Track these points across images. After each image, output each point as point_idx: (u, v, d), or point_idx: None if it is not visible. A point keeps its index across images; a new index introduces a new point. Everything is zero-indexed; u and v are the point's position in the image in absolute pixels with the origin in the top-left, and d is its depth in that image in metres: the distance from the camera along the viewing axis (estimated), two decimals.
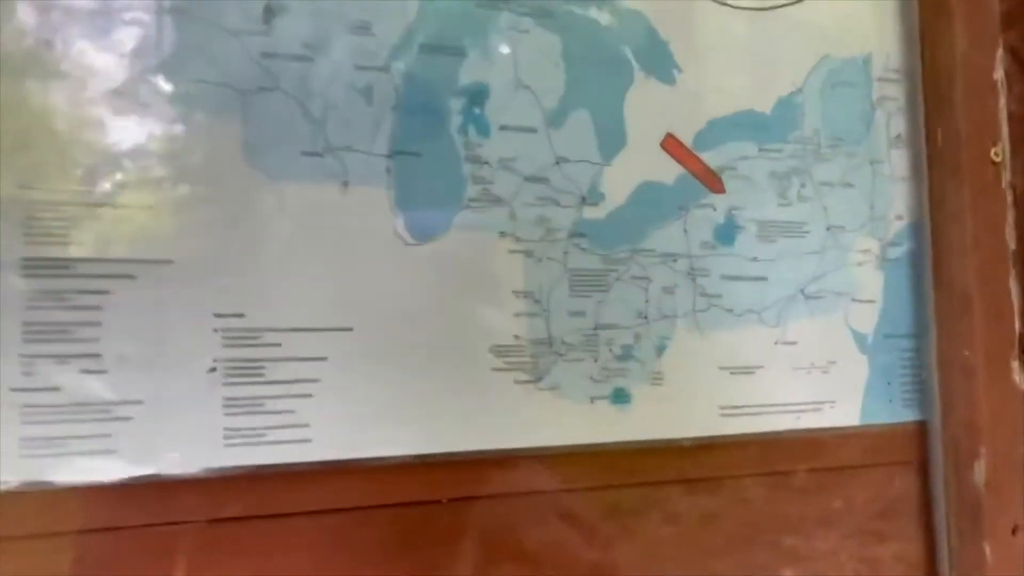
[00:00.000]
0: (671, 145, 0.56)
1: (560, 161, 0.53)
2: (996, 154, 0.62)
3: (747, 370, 0.58)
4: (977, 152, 0.61)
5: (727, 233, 0.57)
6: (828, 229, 0.61)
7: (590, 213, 0.54)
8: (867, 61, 0.63)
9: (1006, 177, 0.63)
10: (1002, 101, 0.63)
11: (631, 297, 0.55)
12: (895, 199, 0.63)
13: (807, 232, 0.60)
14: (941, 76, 0.61)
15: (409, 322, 0.49)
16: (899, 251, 0.63)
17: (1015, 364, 0.61)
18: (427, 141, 0.50)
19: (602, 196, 0.54)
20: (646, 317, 0.55)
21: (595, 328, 0.54)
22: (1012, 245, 0.62)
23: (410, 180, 0.49)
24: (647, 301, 0.55)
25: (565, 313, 0.53)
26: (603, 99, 0.55)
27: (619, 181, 0.55)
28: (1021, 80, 0.66)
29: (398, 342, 0.49)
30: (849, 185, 0.61)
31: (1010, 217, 0.62)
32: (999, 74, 0.63)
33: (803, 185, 0.60)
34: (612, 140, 0.55)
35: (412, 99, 0.50)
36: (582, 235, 0.54)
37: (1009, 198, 0.62)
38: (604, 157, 0.54)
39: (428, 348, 0.49)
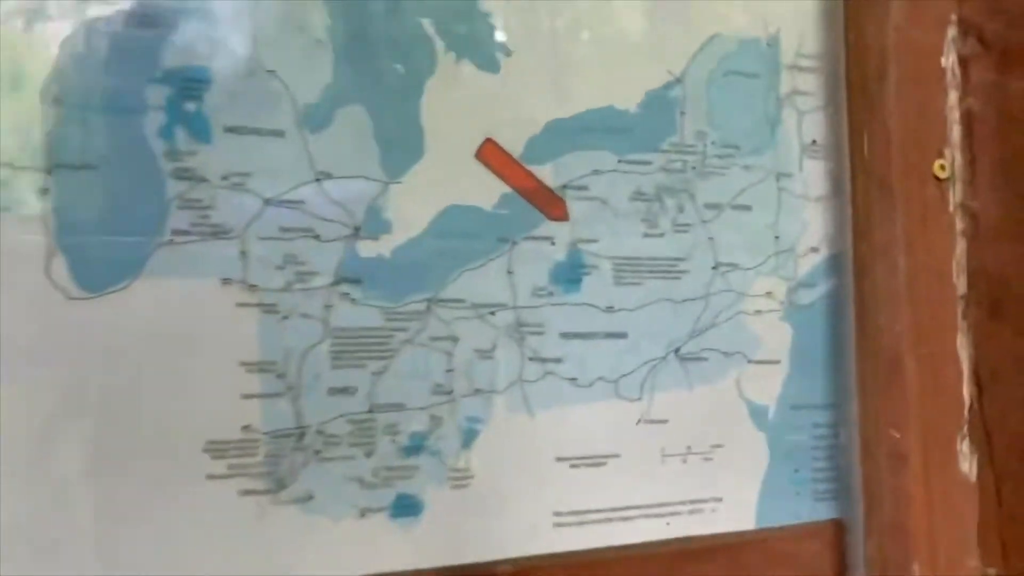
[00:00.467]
0: (491, 155, 0.41)
1: (322, 177, 0.38)
2: (942, 167, 0.47)
3: (596, 461, 0.42)
4: (916, 164, 0.46)
5: (570, 275, 0.42)
6: (715, 267, 0.45)
7: (368, 250, 0.39)
8: (773, 43, 0.48)
9: (955, 197, 0.47)
10: (952, 96, 0.48)
11: (427, 366, 0.39)
12: (808, 226, 0.48)
13: (685, 272, 0.45)
14: (870, 63, 0.46)
15: (73, 414, 0.34)
16: (812, 295, 0.48)
17: (962, 447, 0.46)
18: (108, 148, 0.35)
19: (386, 226, 0.39)
20: (449, 392, 0.40)
21: (370, 411, 0.38)
22: (961, 288, 0.47)
23: (78, 205, 0.34)
24: (451, 370, 0.40)
25: (324, 391, 0.38)
26: (390, 91, 0.39)
27: (413, 205, 0.40)
28: (986, 66, 0.51)
29: (56, 443, 0.33)
30: (745, 208, 0.46)
31: (959, 250, 0.47)
32: (949, 59, 0.48)
33: (680, 209, 0.45)
34: (403, 148, 0.40)
35: (84, 88, 0.34)
36: (354, 281, 0.38)
37: (959, 225, 0.47)
38: (390, 172, 0.39)
39: (103, 450, 0.34)
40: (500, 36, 0.41)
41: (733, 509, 0.45)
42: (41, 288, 0.34)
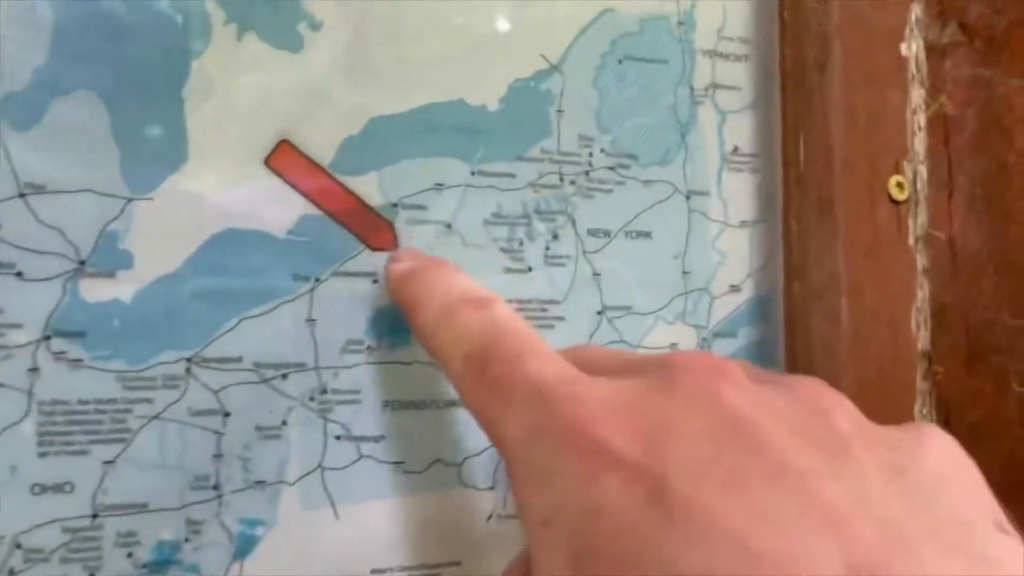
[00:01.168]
0: (288, 162, 0.31)
1: (30, 192, 0.27)
2: (900, 185, 0.36)
3: (430, 572, 0.32)
4: (866, 181, 0.35)
5: (399, 323, 0.32)
6: (602, 312, 0.35)
7: (98, 292, 0.28)
8: (686, 21, 0.37)
9: (916, 224, 0.37)
10: (916, 95, 0.37)
11: (183, 450, 0.29)
12: (727, 258, 0.37)
13: (559, 319, 0.34)
14: (809, 49, 0.36)
15: None
16: (731, 347, 0.37)
17: None
18: None
19: (126, 259, 0.28)
20: (215, 487, 0.29)
21: (95, 515, 0.28)
22: (923, 343, 0.36)
23: None
24: (219, 455, 0.29)
25: (24, 489, 0.27)
26: (138, 74, 0.29)
27: (168, 230, 0.29)
28: (966, 58, 0.40)
29: None
30: (643, 235, 0.36)
31: (921, 294, 0.36)
32: (912, 47, 0.37)
33: (554, 236, 0.34)
34: (154, 152, 0.29)
35: None
36: (74, 335, 0.28)
37: (921, 261, 0.37)
38: (134, 185, 0.29)
39: None
40: (304, 3, 0.31)
41: None
42: None
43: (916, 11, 0.37)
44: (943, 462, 0.21)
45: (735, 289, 0.37)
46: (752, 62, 0.38)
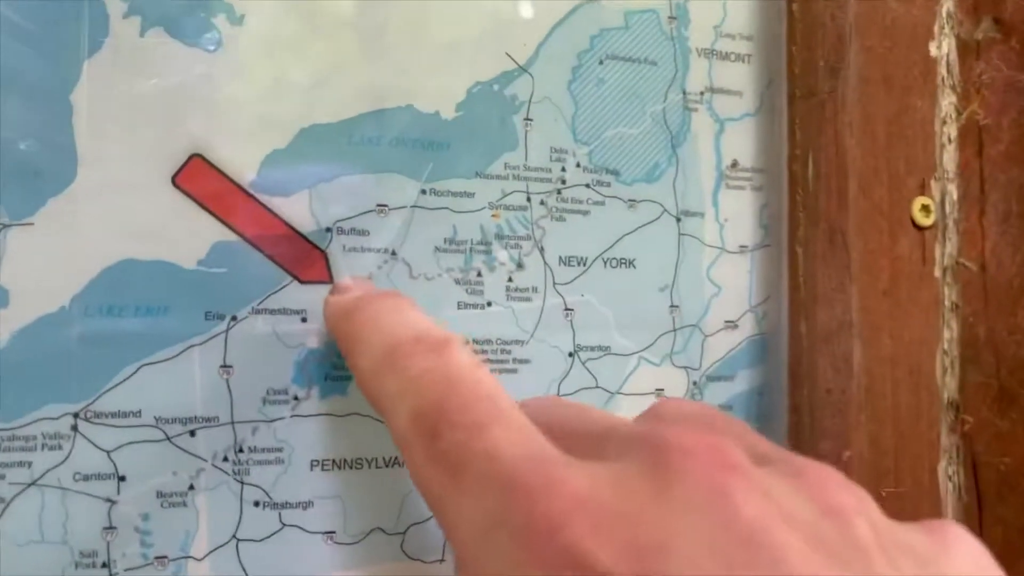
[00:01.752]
0: (199, 179, 0.26)
1: None
2: (925, 209, 0.31)
3: None
4: (887, 204, 0.30)
5: (333, 369, 0.27)
6: (574, 354, 0.30)
7: None
8: (679, 15, 0.32)
9: (945, 253, 0.32)
10: (947, 102, 0.32)
11: (64, 523, 0.24)
12: (724, 290, 0.32)
13: (524, 362, 0.29)
14: (821, 49, 0.31)
15: None
16: (726, 393, 0.32)
17: None
18: None
19: None
20: (105, 564, 0.25)
21: None
22: (949, 392, 0.31)
23: None
24: (111, 528, 0.25)
25: None
26: (15, 76, 0.24)
27: (51, 261, 0.24)
28: (1003, 58, 0.35)
29: None
30: (626, 263, 0.31)
31: (948, 334, 0.31)
32: (943, 47, 0.32)
33: (519, 265, 0.29)
34: (35, 169, 0.24)
35: None
36: None
37: (949, 296, 0.32)
38: (10, 208, 0.24)
39: None
40: None
41: None
42: None
43: (948, 5, 0.32)
44: (971, 572, 0.19)
45: (732, 326, 0.32)
46: (755, 63, 0.33)
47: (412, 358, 0.21)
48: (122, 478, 0.25)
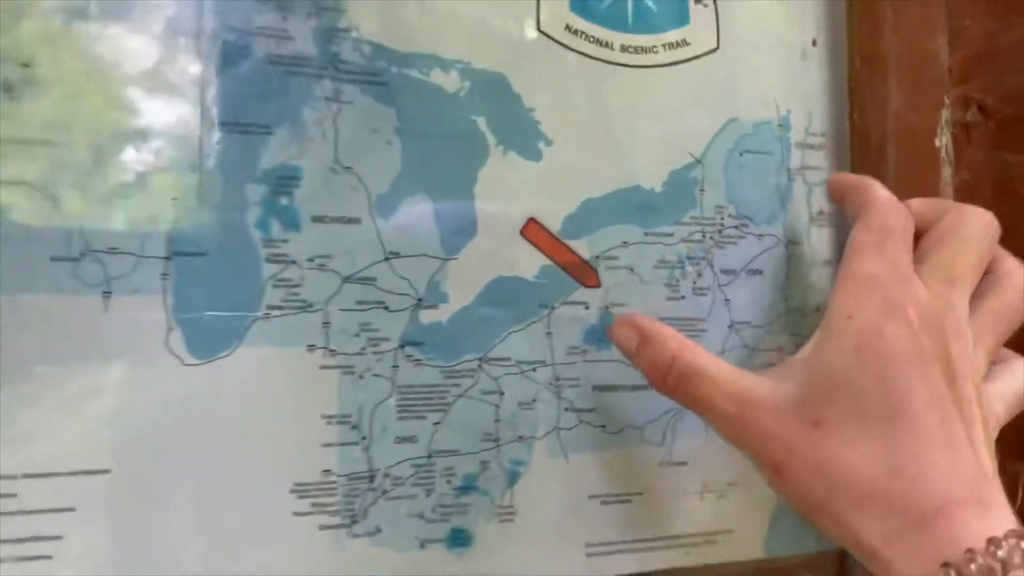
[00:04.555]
0: (533, 232, 0.47)
1: (391, 256, 0.44)
2: None
3: (623, 498, 0.49)
4: None
5: (602, 335, 0.48)
6: (731, 326, 0.51)
7: (428, 317, 0.45)
8: (784, 123, 0.53)
9: None
10: (946, 173, 0.53)
11: (478, 417, 0.46)
12: (815, 287, 0.53)
13: (703, 331, 0.51)
14: (871, 144, 0.52)
15: (184, 460, 0.40)
16: None
17: None
18: (216, 238, 0.41)
19: (444, 296, 0.45)
20: (496, 440, 0.46)
21: (429, 456, 0.45)
22: None
23: (192, 286, 0.41)
24: (498, 420, 0.46)
25: (391, 440, 0.44)
26: (448, 181, 0.46)
27: (466, 277, 0.46)
28: (983, 138, 0.56)
29: (169, 485, 0.40)
30: (757, 272, 0.52)
31: None
32: (943, 140, 0.53)
33: (699, 274, 0.51)
34: (458, 229, 0.46)
35: (198, 190, 0.41)
36: (417, 344, 0.45)
37: None
38: (448, 250, 0.46)
39: (209, 491, 0.41)
40: (542, 129, 0.48)
41: (744, 540, 0.51)
42: (161, 357, 0.40)
43: (944, 115, 0.53)
44: None
45: (821, 309, 0.53)
46: (830, 150, 0.54)
47: None
48: (502, 394, 0.46)
